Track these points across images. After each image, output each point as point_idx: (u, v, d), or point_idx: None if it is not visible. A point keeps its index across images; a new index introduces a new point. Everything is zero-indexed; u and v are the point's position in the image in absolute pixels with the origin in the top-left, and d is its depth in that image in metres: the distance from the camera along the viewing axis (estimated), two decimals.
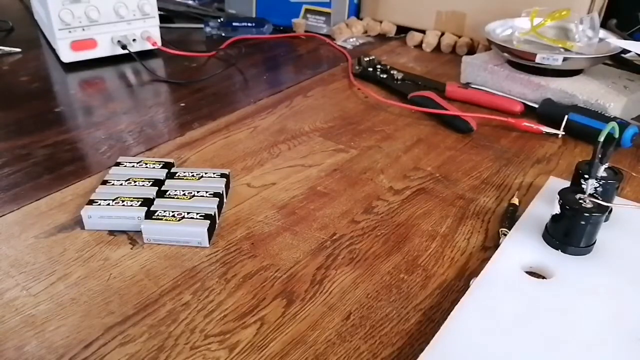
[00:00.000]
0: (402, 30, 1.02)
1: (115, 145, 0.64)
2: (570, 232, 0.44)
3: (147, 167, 0.56)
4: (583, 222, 0.43)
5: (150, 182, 0.53)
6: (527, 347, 0.37)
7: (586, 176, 0.45)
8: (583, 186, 0.45)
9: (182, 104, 0.75)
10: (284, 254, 0.47)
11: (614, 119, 0.64)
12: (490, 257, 0.44)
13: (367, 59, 0.86)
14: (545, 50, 0.74)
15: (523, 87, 0.74)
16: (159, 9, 0.90)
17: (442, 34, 0.97)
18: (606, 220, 0.48)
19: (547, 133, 0.68)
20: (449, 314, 0.39)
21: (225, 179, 0.54)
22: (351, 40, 0.99)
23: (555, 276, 0.43)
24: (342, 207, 0.54)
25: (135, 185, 0.53)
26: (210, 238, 0.48)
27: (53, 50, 0.89)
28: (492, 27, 0.81)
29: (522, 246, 0.46)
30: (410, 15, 1.00)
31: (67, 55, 0.84)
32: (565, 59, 0.71)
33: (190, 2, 1.15)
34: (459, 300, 0.40)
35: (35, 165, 0.60)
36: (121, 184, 0.53)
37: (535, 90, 0.73)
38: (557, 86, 0.72)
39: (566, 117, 0.66)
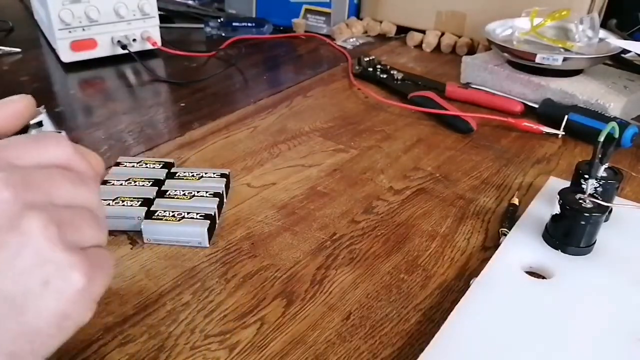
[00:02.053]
0: (402, 30, 1.02)
1: (115, 145, 0.64)
2: (570, 232, 0.44)
3: (147, 167, 0.56)
4: (583, 222, 0.43)
5: (150, 182, 0.53)
6: (527, 347, 0.37)
7: (586, 176, 0.45)
8: (583, 186, 0.45)
9: (182, 104, 0.75)
10: (284, 254, 0.47)
11: (614, 119, 0.64)
12: (490, 257, 0.44)
13: (367, 59, 0.86)
14: (545, 50, 0.74)
15: (523, 87, 0.74)
16: (159, 9, 0.90)
17: (442, 34, 0.97)
18: (606, 220, 0.48)
19: (547, 133, 0.68)
20: (449, 314, 0.39)
21: (225, 179, 0.54)
22: (351, 40, 0.99)
23: (555, 276, 0.43)
24: (342, 207, 0.54)
25: (135, 185, 0.53)
26: (210, 238, 0.48)
27: (53, 50, 0.89)
28: (492, 27, 0.81)
29: (522, 246, 0.46)
30: (410, 15, 1.00)
31: (67, 55, 0.84)
32: (565, 59, 0.71)
33: (190, 2, 1.15)
34: (459, 300, 0.40)
35: None
36: (121, 184, 0.53)
37: (535, 90, 0.73)
38: (557, 86, 0.72)
39: (566, 117, 0.66)
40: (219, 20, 1.02)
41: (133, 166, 0.56)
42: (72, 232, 0.25)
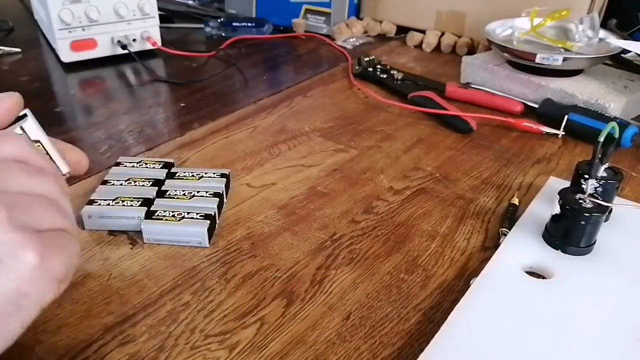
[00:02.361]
0: (402, 30, 1.02)
1: (115, 145, 0.64)
2: (570, 232, 0.44)
3: (147, 167, 0.56)
4: (583, 222, 0.43)
5: (150, 182, 0.53)
6: (527, 347, 0.37)
7: (586, 176, 0.45)
8: (583, 186, 0.45)
9: (182, 104, 0.75)
10: (284, 254, 0.47)
11: (614, 119, 0.64)
12: (490, 257, 0.44)
13: (367, 59, 0.86)
14: (545, 50, 0.74)
15: (523, 87, 0.74)
16: (159, 9, 0.90)
17: (442, 34, 0.97)
18: (606, 220, 0.48)
19: (547, 133, 0.68)
20: (449, 314, 0.39)
21: (225, 179, 0.54)
22: (351, 40, 0.99)
23: (555, 276, 0.43)
24: (342, 207, 0.54)
25: (135, 185, 0.53)
26: (210, 238, 0.48)
27: (53, 50, 0.89)
28: (492, 27, 0.81)
29: (522, 246, 0.46)
30: (410, 15, 1.00)
31: (67, 55, 0.84)
32: (565, 59, 0.71)
33: (190, 2, 1.15)
34: (459, 300, 0.40)
35: None
36: (121, 184, 0.53)
37: (535, 90, 0.73)
38: (557, 86, 0.72)
39: (566, 117, 0.66)
40: (219, 20, 1.02)
41: (133, 166, 0.56)
42: (25, 215, 0.25)
